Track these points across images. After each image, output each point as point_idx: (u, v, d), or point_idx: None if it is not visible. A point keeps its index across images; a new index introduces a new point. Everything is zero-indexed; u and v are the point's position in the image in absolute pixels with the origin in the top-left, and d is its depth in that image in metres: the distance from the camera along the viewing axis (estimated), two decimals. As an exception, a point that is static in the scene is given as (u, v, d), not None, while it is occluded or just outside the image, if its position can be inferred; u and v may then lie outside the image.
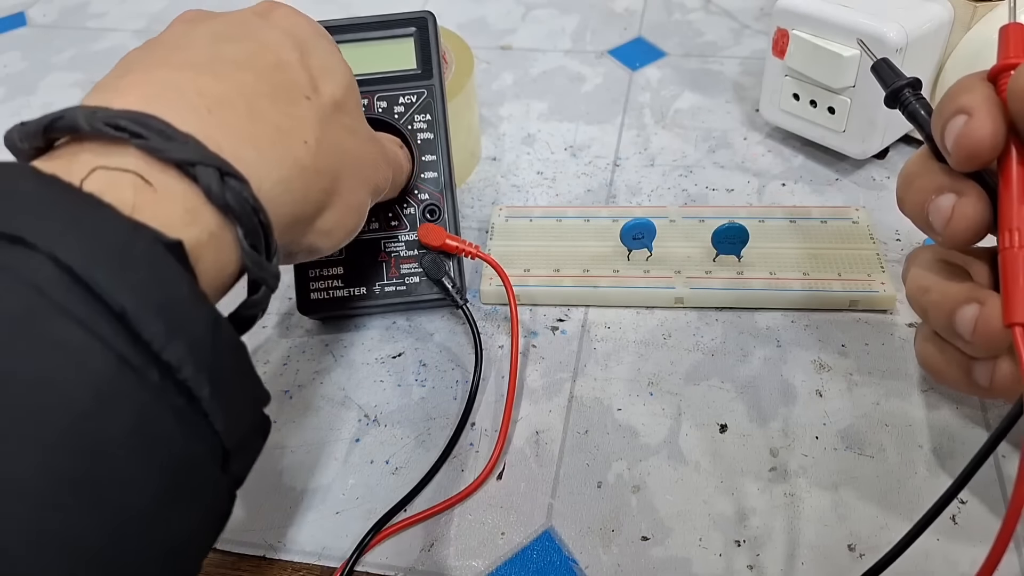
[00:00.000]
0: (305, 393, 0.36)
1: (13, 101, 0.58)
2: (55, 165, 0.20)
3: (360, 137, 0.30)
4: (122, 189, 0.20)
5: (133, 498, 0.18)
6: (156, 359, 0.18)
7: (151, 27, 0.66)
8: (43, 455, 0.16)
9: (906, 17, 0.39)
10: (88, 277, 0.18)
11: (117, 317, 0.18)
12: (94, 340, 0.17)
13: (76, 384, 0.17)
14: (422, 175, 0.39)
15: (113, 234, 0.19)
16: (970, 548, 0.29)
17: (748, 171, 0.46)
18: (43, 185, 0.19)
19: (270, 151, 0.24)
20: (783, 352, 0.36)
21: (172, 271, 0.20)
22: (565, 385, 0.36)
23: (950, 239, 0.26)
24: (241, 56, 0.25)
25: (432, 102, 0.39)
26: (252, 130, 0.24)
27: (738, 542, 0.30)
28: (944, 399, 0.34)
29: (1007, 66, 0.25)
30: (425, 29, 0.39)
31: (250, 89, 0.25)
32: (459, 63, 0.46)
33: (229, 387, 0.20)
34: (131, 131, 0.21)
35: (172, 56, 0.25)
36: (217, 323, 0.20)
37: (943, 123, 0.25)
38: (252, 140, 0.24)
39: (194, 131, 0.22)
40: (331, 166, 0.27)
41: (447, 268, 0.37)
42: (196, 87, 0.23)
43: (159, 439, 0.18)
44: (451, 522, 0.31)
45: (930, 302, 0.27)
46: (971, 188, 0.25)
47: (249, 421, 0.22)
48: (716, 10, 0.61)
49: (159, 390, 0.18)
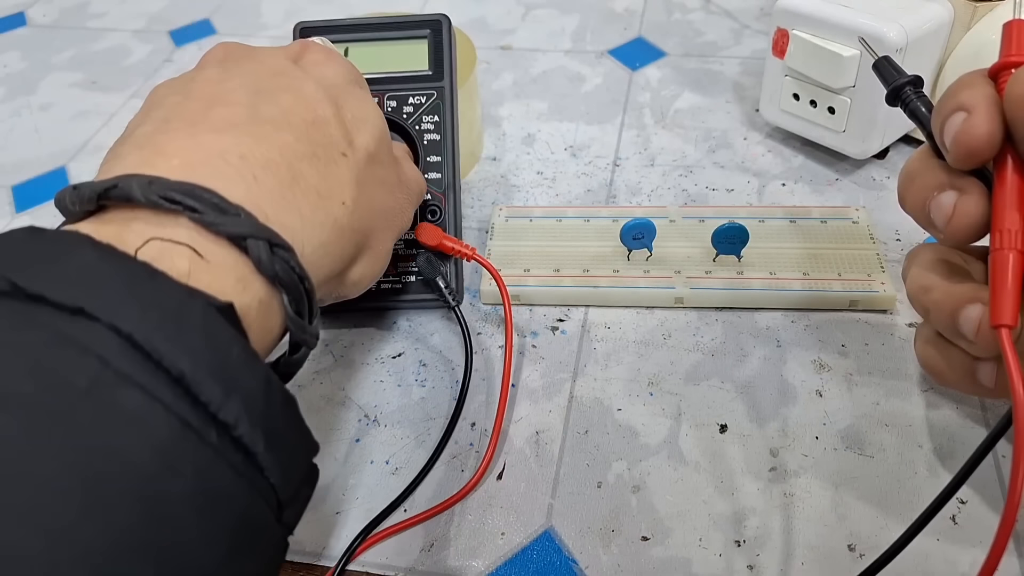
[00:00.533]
0: (305, 393, 0.36)
1: (13, 101, 0.58)
2: (108, 232, 0.21)
3: (390, 187, 0.31)
4: (175, 259, 0.21)
5: (198, 557, 0.18)
6: (214, 419, 0.19)
7: (151, 27, 0.66)
8: (109, 519, 0.17)
9: (906, 17, 0.39)
10: (148, 345, 0.18)
11: (176, 381, 0.19)
12: (156, 405, 0.18)
13: (141, 449, 0.17)
14: (426, 175, 0.39)
15: (168, 301, 0.20)
16: (970, 548, 0.29)
17: (748, 171, 0.46)
18: (101, 255, 0.20)
19: (312, 216, 0.25)
20: (783, 352, 0.36)
21: (226, 334, 0.20)
22: (565, 385, 0.36)
23: (951, 236, 0.26)
24: (279, 114, 0.26)
25: (441, 104, 0.39)
26: (294, 195, 0.25)
27: (738, 542, 0.30)
28: (944, 399, 0.34)
29: (1008, 64, 0.25)
30: (439, 32, 0.40)
31: (291, 151, 0.25)
32: (462, 59, 0.46)
33: (282, 440, 0.21)
34: (185, 204, 0.21)
35: (212, 113, 0.25)
36: (269, 381, 0.21)
37: (942, 120, 0.25)
38: (295, 206, 0.24)
39: (242, 200, 0.23)
40: (365, 223, 0.28)
41: (442, 269, 0.37)
42: (240, 152, 0.24)
43: (220, 496, 0.19)
44: (451, 522, 0.31)
45: (932, 301, 0.27)
46: (973, 185, 0.25)
47: (303, 472, 0.23)
48: (716, 10, 0.61)
49: (218, 449, 0.19)
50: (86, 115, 0.56)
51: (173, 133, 0.24)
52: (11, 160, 0.53)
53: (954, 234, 0.26)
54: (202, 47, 0.63)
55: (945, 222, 0.26)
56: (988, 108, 0.24)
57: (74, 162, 0.52)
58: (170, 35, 0.65)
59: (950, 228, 0.26)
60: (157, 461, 0.18)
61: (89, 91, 0.58)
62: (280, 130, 0.25)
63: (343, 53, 0.40)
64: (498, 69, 0.57)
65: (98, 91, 0.58)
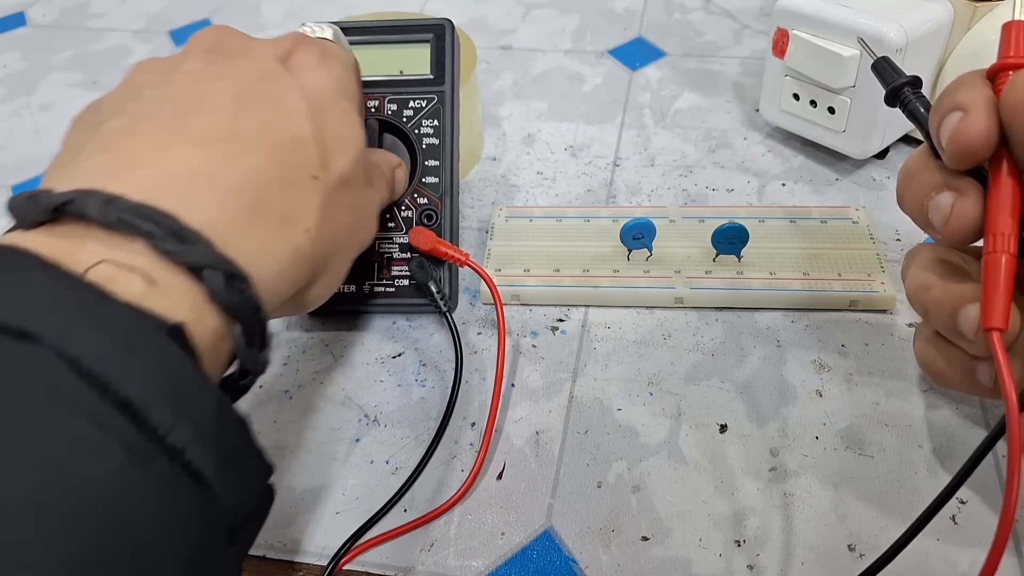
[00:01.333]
0: (305, 393, 0.36)
1: (13, 101, 0.58)
2: (60, 248, 0.21)
3: (359, 212, 0.30)
4: (127, 283, 0.21)
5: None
6: (163, 443, 0.19)
7: (151, 27, 0.66)
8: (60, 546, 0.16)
9: (906, 17, 0.39)
10: (96, 369, 0.18)
11: (124, 406, 0.18)
12: (103, 431, 0.18)
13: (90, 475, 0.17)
14: (423, 179, 0.39)
15: (118, 325, 0.19)
16: (970, 548, 0.29)
17: (748, 171, 0.46)
18: (50, 277, 0.19)
19: (272, 244, 0.25)
20: (783, 352, 0.36)
21: (176, 357, 0.20)
22: (565, 385, 0.36)
23: (949, 237, 0.26)
24: (257, 129, 0.26)
25: (441, 108, 0.39)
26: (257, 222, 0.24)
27: (738, 542, 0.30)
28: (944, 399, 0.34)
29: (1006, 65, 0.25)
30: (443, 36, 0.40)
31: (261, 176, 0.25)
32: (462, 59, 0.46)
33: (235, 464, 0.21)
34: (142, 230, 0.21)
35: (190, 120, 0.25)
36: (221, 404, 0.21)
37: (939, 119, 0.25)
38: (257, 234, 0.24)
39: (204, 226, 0.22)
40: (327, 249, 0.28)
41: (435, 274, 0.37)
42: (209, 172, 0.24)
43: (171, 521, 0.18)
44: (451, 522, 0.31)
45: (931, 300, 0.27)
46: (971, 187, 0.25)
47: (257, 494, 0.22)
48: (716, 10, 0.61)
49: (169, 474, 0.19)
50: (86, 115, 0.56)
51: (144, 137, 0.24)
52: (11, 160, 0.53)
53: (951, 235, 0.26)
54: (202, 47, 0.63)
55: (943, 223, 0.26)
56: (984, 108, 0.24)
57: (74, 162, 0.52)
58: (170, 35, 0.65)
59: (947, 229, 0.26)
60: (107, 487, 0.17)
61: (89, 91, 0.58)
62: (254, 150, 0.25)
63: None
64: (498, 69, 0.57)
65: (98, 91, 0.58)
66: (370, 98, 0.39)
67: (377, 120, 0.39)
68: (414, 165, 0.39)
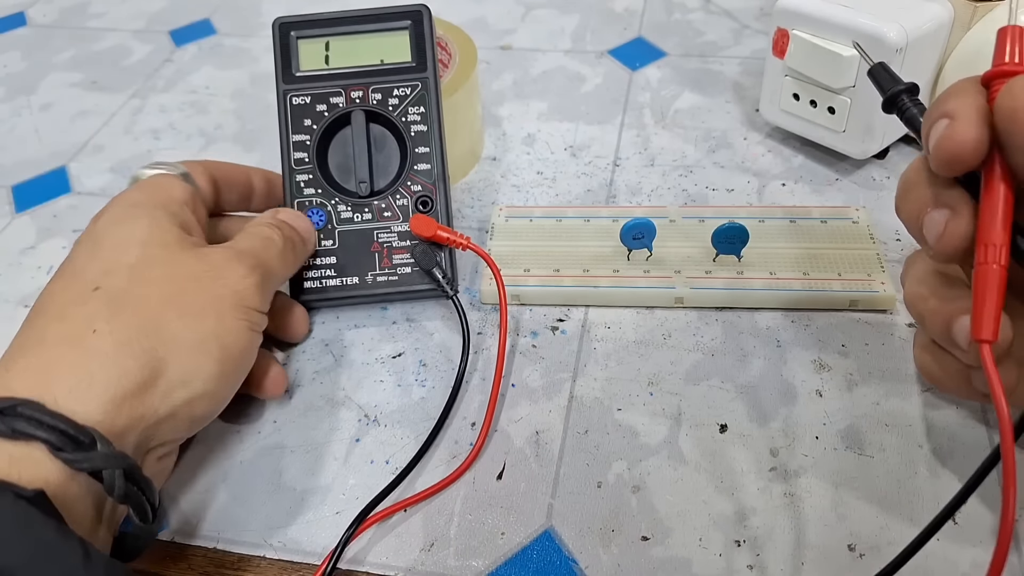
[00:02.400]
0: (305, 393, 0.36)
1: (13, 101, 0.58)
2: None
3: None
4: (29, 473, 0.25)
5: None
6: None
7: (151, 27, 0.66)
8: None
9: (906, 17, 0.39)
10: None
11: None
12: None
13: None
14: (415, 167, 0.39)
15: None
16: (970, 548, 0.29)
17: (748, 171, 0.46)
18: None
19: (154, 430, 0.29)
20: (783, 352, 0.36)
21: (37, 521, 0.23)
22: (565, 385, 0.36)
23: (940, 255, 0.26)
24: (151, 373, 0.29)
25: (427, 94, 0.39)
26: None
27: (738, 542, 0.30)
28: (944, 399, 0.34)
29: (1000, 72, 0.24)
30: (420, 22, 0.40)
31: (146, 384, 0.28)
32: (462, 58, 0.46)
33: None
34: (42, 439, 0.25)
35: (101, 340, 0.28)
36: (88, 555, 0.23)
37: (928, 126, 0.25)
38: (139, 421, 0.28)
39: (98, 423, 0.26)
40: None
41: (438, 259, 0.38)
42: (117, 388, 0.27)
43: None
44: (451, 522, 0.31)
45: (928, 310, 0.27)
46: (964, 205, 0.25)
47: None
48: (716, 10, 0.61)
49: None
50: (86, 115, 0.56)
51: (58, 352, 0.28)
52: (11, 160, 0.53)
53: (943, 252, 0.25)
54: (202, 47, 0.63)
55: (935, 240, 0.25)
56: (972, 116, 0.24)
57: (74, 162, 0.52)
58: (170, 35, 0.65)
59: (939, 246, 0.25)
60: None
61: (89, 91, 0.58)
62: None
63: (324, 48, 0.40)
64: (498, 69, 0.57)
65: (98, 91, 0.58)
66: (353, 88, 0.39)
67: (363, 111, 0.39)
68: (404, 154, 0.39)
